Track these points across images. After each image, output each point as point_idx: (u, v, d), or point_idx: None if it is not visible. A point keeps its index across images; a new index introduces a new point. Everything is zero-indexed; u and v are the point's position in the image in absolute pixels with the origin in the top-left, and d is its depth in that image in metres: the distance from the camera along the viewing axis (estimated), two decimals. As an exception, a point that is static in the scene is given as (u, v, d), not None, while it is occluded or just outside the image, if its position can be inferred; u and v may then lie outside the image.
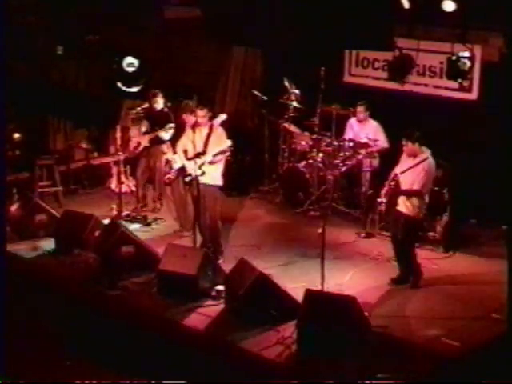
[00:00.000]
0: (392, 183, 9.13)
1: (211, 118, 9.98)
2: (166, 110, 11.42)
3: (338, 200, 11.56)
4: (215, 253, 9.81)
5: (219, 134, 9.84)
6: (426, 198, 9.25)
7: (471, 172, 10.80)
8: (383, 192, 9.23)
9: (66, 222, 10.51)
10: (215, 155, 9.70)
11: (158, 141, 11.36)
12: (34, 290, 9.69)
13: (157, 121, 11.32)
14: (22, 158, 12.45)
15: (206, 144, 9.72)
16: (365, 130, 11.41)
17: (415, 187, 9.07)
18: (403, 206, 9.21)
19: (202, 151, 9.64)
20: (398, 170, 9.27)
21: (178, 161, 10.03)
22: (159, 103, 11.36)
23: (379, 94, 11.68)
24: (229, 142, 9.83)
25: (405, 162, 9.28)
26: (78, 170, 13.09)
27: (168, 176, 10.41)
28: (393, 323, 8.41)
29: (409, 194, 9.13)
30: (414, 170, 9.11)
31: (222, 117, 10.07)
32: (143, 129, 11.48)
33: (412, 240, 9.36)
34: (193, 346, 8.36)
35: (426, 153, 9.24)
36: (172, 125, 11.19)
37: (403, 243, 9.30)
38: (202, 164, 9.60)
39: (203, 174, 9.58)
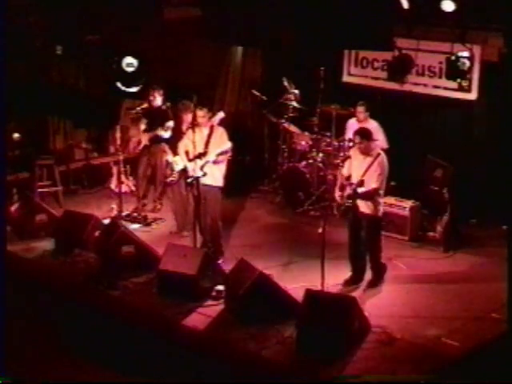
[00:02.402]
0: (354, 187, 9.04)
1: (210, 118, 9.98)
2: (164, 107, 11.43)
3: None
4: (215, 253, 9.81)
5: (220, 134, 9.84)
6: (382, 194, 9.24)
7: (471, 172, 10.81)
8: (346, 194, 9.14)
9: (66, 222, 10.52)
10: (218, 155, 9.70)
11: (158, 139, 11.37)
12: (34, 290, 9.69)
13: (156, 118, 11.33)
14: (21, 158, 12.43)
15: (207, 144, 9.73)
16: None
17: (373, 185, 9.02)
18: (365, 206, 9.14)
19: (204, 152, 9.65)
20: (354, 170, 9.17)
21: (180, 163, 10.04)
22: (158, 100, 11.36)
23: (378, 93, 11.69)
24: (229, 144, 9.82)
25: (357, 160, 9.21)
26: (78, 170, 13.08)
27: (171, 178, 10.44)
28: (393, 323, 8.42)
29: (371, 195, 9.05)
30: (369, 168, 9.05)
31: (220, 115, 10.06)
32: (142, 126, 11.49)
33: (377, 239, 9.32)
34: (193, 346, 8.37)
35: (378, 148, 9.21)
36: (171, 123, 11.19)
37: (369, 243, 9.24)
38: (204, 165, 9.61)
39: (205, 174, 9.59)
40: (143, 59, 11.17)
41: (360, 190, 9.00)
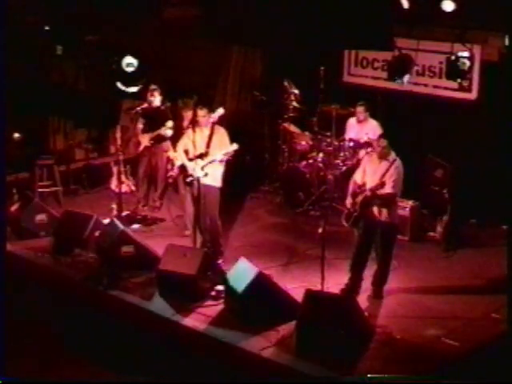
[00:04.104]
0: (374, 188, 8.75)
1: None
2: (163, 107, 11.43)
3: (337, 200, 11.55)
4: (215, 253, 9.81)
5: (221, 134, 9.82)
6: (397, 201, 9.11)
7: (471, 172, 10.80)
8: (362, 198, 8.85)
9: (66, 222, 10.51)
10: (224, 155, 9.65)
11: (159, 139, 11.38)
12: (34, 290, 9.69)
13: (154, 118, 11.33)
14: (21, 158, 12.44)
15: (208, 145, 9.70)
16: (364, 130, 11.42)
17: (388, 190, 8.77)
18: (379, 213, 8.89)
19: (205, 152, 9.64)
20: (369, 175, 8.93)
21: (179, 159, 10.03)
22: (156, 100, 11.36)
23: (378, 93, 11.69)
24: (235, 146, 9.75)
25: (372, 166, 9.00)
26: (78, 170, 13.08)
27: (170, 174, 10.42)
28: (393, 323, 8.42)
29: (388, 199, 8.82)
30: (386, 172, 8.81)
31: (220, 111, 9.97)
32: (140, 126, 11.49)
33: (392, 247, 9.07)
34: (193, 346, 8.37)
35: (393, 153, 8.95)
36: (170, 122, 11.21)
37: (383, 251, 9.01)
38: (205, 165, 9.59)
39: (206, 175, 9.58)
40: (143, 59, 11.19)
41: (380, 192, 8.73)
